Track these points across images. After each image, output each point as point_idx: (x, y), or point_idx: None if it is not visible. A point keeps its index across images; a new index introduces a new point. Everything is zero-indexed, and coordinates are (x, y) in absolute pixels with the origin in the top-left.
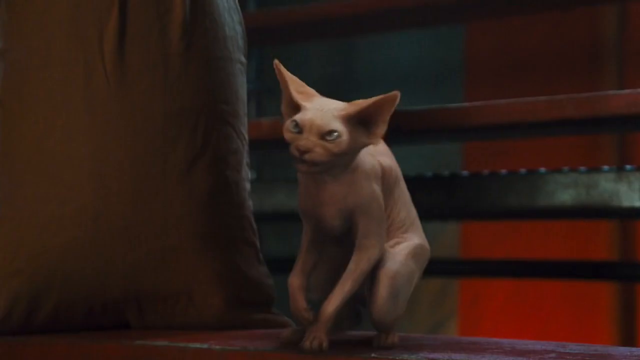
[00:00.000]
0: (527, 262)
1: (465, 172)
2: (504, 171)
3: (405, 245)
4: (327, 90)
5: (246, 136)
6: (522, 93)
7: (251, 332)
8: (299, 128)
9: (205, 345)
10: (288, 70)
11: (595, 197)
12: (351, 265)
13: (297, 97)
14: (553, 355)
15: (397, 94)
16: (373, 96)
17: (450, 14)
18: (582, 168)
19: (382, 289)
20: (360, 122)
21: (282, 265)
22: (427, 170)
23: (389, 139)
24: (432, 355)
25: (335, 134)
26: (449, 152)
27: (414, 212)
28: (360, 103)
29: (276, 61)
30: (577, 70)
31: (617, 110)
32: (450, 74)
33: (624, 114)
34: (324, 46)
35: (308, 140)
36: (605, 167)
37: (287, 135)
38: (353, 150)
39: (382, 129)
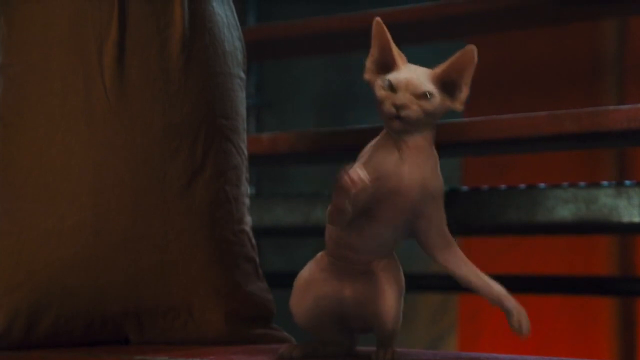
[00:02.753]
0: (527, 277)
1: (464, 187)
2: (503, 186)
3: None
4: (327, 104)
5: (245, 151)
6: (521, 108)
7: (251, 347)
8: (393, 87)
9: None
10: (287, 85)
11: (594, 212)
12: (467, 268)
13: (398, 58)
14: None
15: (472, 47)
16: (371, 112)
17: (449, 29)
18: (582, 183)
19: (393, 299)
20: (445, 87)
21: (281, 281)
22: None
23: None
24: None
25: (430, 94)
26: (449, 167)
27: None
28: (442, 65)
29: (377, 19)
30: (577, 85)
31: (617, 125)
32: None
33: (623, 129)
34: (324, 61)
35: (404, 98)
36: (605, 183)
37: (380, 93)
38: (439, 112)
39: (465, 92)
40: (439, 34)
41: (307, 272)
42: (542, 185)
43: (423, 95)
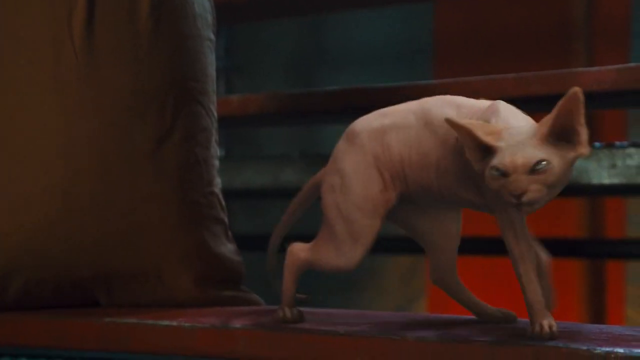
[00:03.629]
0: (497, 240)
1: None
2: None
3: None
4: (296, 66)
5: (215, 114)
6: (491, 71)
7: (220, 310)
8: (503, 172)
9: (174, 323)
10: (256, 48)
11: None
12: (521, 267)
13: (490, 140)
14: (523, 332)
15: (577, 91)
16: (341, 74)
17: None
18: None
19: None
20: (560, 137)
21: (251, 243)
22: None
23: (357, 117)
24: (402, 333)
25: (544, 162)
26: None
27: None
28: (548, 118)
29: (447, 118)
30: (546, 49)
31: (585, 88)
32: (419, 52)
33: (592, 91)
34: (294, 24)
35: (519, 181)
36: None
37: (493, 185)
38: (567, 170)
39: (584, 134)
40: None
41: None
42: None
43: (538, 168)
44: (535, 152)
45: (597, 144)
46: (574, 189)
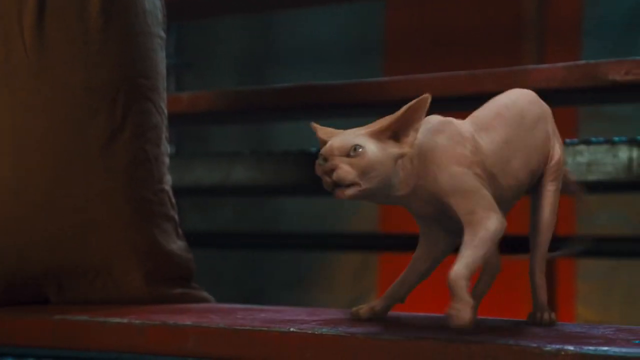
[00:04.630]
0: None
1: None
2: None
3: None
4: (247, 64)
5: (165, 111)
6: (442, 69)
7: (171, 307)
8: (323, 156)
9: (125, 320)
10: (206, 45)
11: None
12: (465, 238)
13: (323, 136)
14: (472, 329)
15: (427, 97)
16: (292, 71)
17: None
18: None
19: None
20: (390, 136)
21: (201, 240)
22: None
23: (308, 114)
24: (350, 330)
25: (359, 149)
26: None
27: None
28: (388, 118)
29: (313, 124)
30: (498, 46)
31: (537, 85)
32: (370, 50)
33: (543, 88)
34: (244, 21)
35: (332, 162)
36: None
37: (318, 170)
38: (382, 164)
39: (412, 136)
40: None
41: None
42: None
43: (352, 152)
44: (352, 139)
45: None
46: None
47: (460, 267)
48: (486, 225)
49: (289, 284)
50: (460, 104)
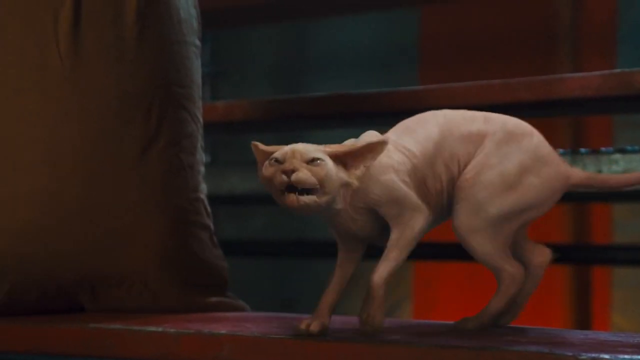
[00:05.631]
0: None
1: None
2: None
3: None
4: (281, 72)
5: (200, 119)
6: (477, 77)
7: (206, 315)
8: (280, 160)
9: (159, 329)
10: (241, 53)
11: None
12: (394, 235)
13: (271, 148)
14: (508, 338)
15: (385, 142)
16: (327, 80)
17: None
18: None
19: (460, 214)
20: (340, 163)
21: (236, 248)
22: None
23: (343, 123)
24: (388, 337)
25: (319, 160)
26: None
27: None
28: (348, 145)
29: (253, 143)
30: (533, 54)
31: (572, 94)
32: (405, 58)
33: (578, 97)
34: (279, 29)
35: (293, 163)
36: (560, 150)
37: (268, 171)
38: (334, 183)
39: (360, 171)
40: (394, 2)
41: None
42: None
43: (313, 161)
44: (314, 150)
45: (582, 150)
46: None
47: (384, 273)
48: (412, 225)
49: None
50: (495, 112)
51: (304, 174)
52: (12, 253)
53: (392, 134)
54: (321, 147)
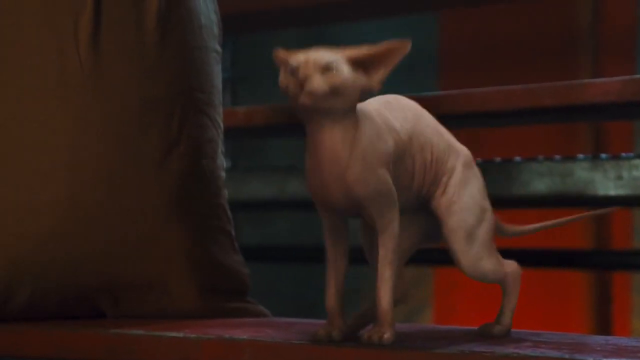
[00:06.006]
0: (502, 251)
1: None
2: (479, 160)
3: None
4: None
5: (221, 125)
6: (497, 82)
7: (226, 321)
8: (295, 67)
9: (180, 334)
10: (261, 59)
11: (570, 185)
12: (381, 252)
13: (290, 54)
14: (528, 343)
15: (408, 43)
16: None
17: (423, 2)
18: (558, 157)
19: (458, 244)
20: (360, 66)
21: (257, 254)
22: None
23: None
24: (408, 344)
25: (335, 66)
26: None
27: (446, 133)
28: (368, 48)
29: (275, 51)
30: (553, 59)
31: (593, 99)
32: (425, 63)
33: (599, 103)
34: (298, 34)
35: (306, 73)
36: (581, 156)
37: (284, 81)
38: (352, 89)
39: (383, 75)
40: (414, 7)
41: None
42: (517, 158)
43: (327, 68)
44: (330, 56)
45: (603, 155)
46: (580, 200)
47: (388, 296)
48: (393, 233)
49: (345, 298)
50: (515, 118)
51: (316, 83)
52: (33, 259)
53: (376, 105)
54: (339, 52)
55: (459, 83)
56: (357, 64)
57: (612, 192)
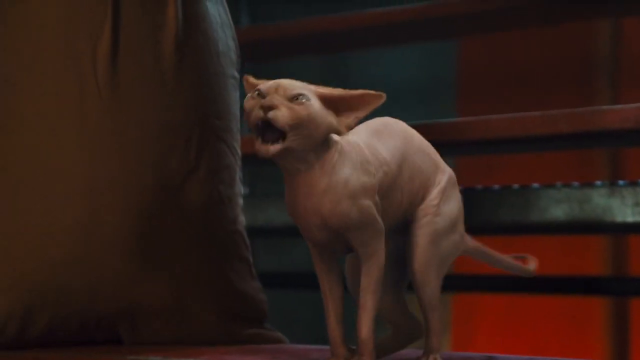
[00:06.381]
0: (520, 277)
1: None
2: (496, 186)
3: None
4: None
5: (239, 151)
6: (515, 108)
7: (244, 348)
8: (262, 94)
9: None
10: None
11: (588, 212)
12: (364, 280)
13: (257, 81)
14: None
15: (382, 96)
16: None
17: (443, 30)
18: (575, 183)
19: (422, 239)
20: (331, 107)
21: (274, 280)
22: None
23: None
24: None
25: (304, 98)
26: None
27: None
28: (342, 90)
29: (245, 76)
30: (571, 86)
31: (611, 126)
32: (443, 89)
33: (617, 129)
34: (317, 61)
35: (273, 98)
36: (598, 182)
37: (248, 104)
38: (320, 125)
39: (353, 121)
40: (432, 35)
41: None
42: (535, 185)
43: (296, 97)
44: (301, 88)
45: (621, 182)
46: (597, 227)
47: (368, 325)
48: (379, 262)
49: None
50: (533, 145)
51: (282, 113)
52: (51, 284)
53: (365, 136)
54: (312, 87)
55: (477, 109)
56: (329, 104)
57: (630, 218)
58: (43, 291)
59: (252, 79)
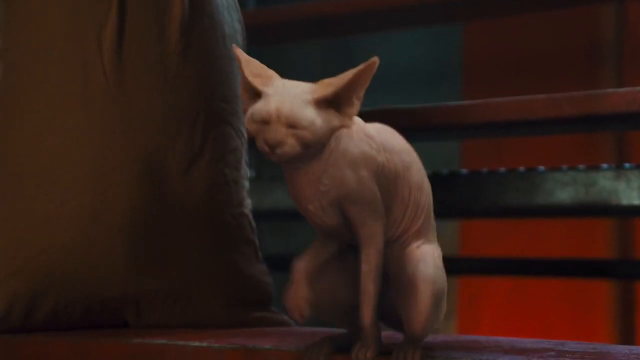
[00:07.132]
0: (526, 260)
1: (463, 170)
2: (502, 169)
3: (431, 247)
4: None
5: (245, 135)
6: (520, 92)
7: (250, 331)
8: (265, 119)
9: (204, 344)
10: (285, 69)
11: (594, 195)
12: (364, 267)
13: (255, 82)
14: (552, 353)
15: (375, 60)
16: (373, 95)
17: (448, 13)
18: (581, 166)
19: (425, 298)
20: (331, 104)
21: (280, 264)
22: (425, 168)
23: None
24: (432, 354)
25: (306, 122)
26: (448, 151)
27: (432, 218)
28: (334, 83)
29: (233, 45)
30: (576, 69)
31: (616, 109)
32: (449, 73)
33: (622, 112)
34: (323, 45)
35: (277, 132)
36: (604, 166)
37: (251, 127)
38: (326, 134)
39: (355, 108)
40: (438, 18)
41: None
42: (541, 168)
43: (297, 125)
44: (303, 111)
45: (626, 165)
46: (603, 210)
47: (370, 311)
48: (377, 247)
49: None
50: (538, 128)
51: (289, 148)
52: (57, 269)
53: (372, 126)
54: (309, 96)
55: (483, 93)
56: (328, 104)
57: (636, 201)
58: (48, 276)
59: (244, 60)
